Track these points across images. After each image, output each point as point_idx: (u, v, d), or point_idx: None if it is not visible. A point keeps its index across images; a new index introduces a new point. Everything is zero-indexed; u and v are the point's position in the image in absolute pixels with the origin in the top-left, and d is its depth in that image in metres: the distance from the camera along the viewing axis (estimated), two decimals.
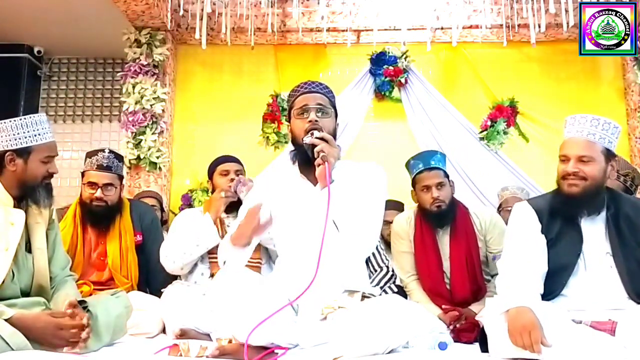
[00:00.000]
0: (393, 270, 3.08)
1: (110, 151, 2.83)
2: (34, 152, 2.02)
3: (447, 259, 2.70)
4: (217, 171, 2.87)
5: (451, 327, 2.51)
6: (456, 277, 2.66)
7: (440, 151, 2.80)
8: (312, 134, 1.92)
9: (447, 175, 2.74)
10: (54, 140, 2.10)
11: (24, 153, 2.01)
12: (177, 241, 2.67)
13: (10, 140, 1.99)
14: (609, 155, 1.98)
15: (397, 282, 3.09)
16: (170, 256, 2.66)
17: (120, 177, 2.86)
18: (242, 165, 2.96)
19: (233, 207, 2.75)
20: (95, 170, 2.74)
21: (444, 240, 2.73)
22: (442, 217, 2.69)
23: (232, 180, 2.80)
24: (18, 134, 2.00)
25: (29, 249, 2.04)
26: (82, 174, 2.82)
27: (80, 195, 2.81)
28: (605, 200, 2.00)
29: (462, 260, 2.66)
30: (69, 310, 1.82)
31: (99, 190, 2.72)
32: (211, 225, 2.66)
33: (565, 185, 1.95)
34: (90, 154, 2.81)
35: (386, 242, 3.49)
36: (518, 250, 2.00)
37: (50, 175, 2.07)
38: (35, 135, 2.02)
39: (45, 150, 2.04)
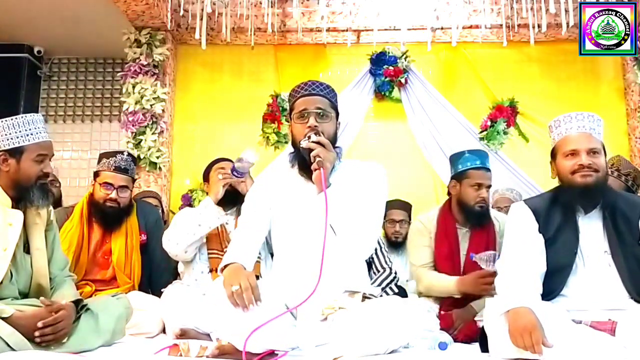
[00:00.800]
0: (396, 272, 3.09)
1: (129, 154, 2.84)
2: (26, 151, 2.00)
3: (465, 254, 2.71)
4: (214, 169, 2.85)
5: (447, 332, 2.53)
6: (469, 270, 2.66)
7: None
8: (308, 138, 1.92)
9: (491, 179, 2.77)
10: (49, 139, 2.08)
11: (16, 153, 2.00)
12: (180, 224, 2.68)
13: (2, 140, 1.99)
14: (604, 148, 2.01)
15: (400, 283, 3.10)
16: (173, 238, 2.66)
17: (134, 180, 2.88)
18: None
19: (231, 202, 2.75)
20: (112, 171, 2.73)
21: (464, 237, 2.75)
22: (480, 217, 2.71)
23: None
24: (10, 134, 1.99)
25: (27, 250, 2.04)
26: (96, 173, 2.79)
27: (92, 194, 2.79)
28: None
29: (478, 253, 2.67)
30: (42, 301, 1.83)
31: (115, 191, 2.72)
32: (211, 205, 2.66)
33: (578, 178, 1.95)
34: (107, 155, 2.79)
35: (390, 241, 3.49)
36: (516, 251, 2.00)
37: (45, 175, 2.04)
38: (27, 135, 2.01)
39: (37, 149, 2.02)
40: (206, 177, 2.92)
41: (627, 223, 1.96)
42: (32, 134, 2.02)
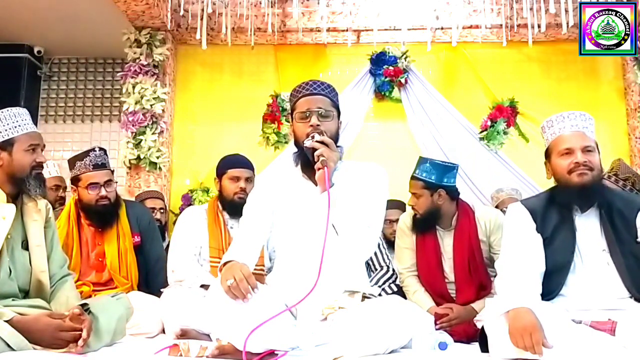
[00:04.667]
0: (394, 270, 3.08)
1: (100, 148, 2.81)
2: (16, 142, 2.01)
3: (450, 258, 2.72)
4: (228, 175, 2.79)
5: (437, 326, 2.53)
6: (460, 279, 2.69)
7: (433, 160, 2.82)
8: (312, 137, 1.93)
9: (429, 186, 2.73)
10: (36, 130, 2.09)
11: (7, 145, 2.01)
12: (184, 275, 2.66)
13: None
14: (597, 147, 2.02)
15: (398, 281, 3.09)
16: (179, 278, 2.67)
17: (112, 172, 2.87)
18: (253, 170, 2.88)
19: (233, 211, 2.72)
20: (92, 170, 2.72)
21: (447, 242, 2.75)
22: (417, 224, 2.80)
23: (241, 189, 2.72)
24: None
25: (25, 246, 2.03)
26: (76, 179, 2.75)
27: (80, 199, 2.77)
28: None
29: (464, 262, 2.68)
30: (72, 314, 1.81)
31: (102, 188, 2.71)
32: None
33: (575, 177, 1.95)
34: (80, 157, 2.76)
35: (388, 241, 3.49)
36: (515, 251, 2.00)
37: (39, 164, 2.04)
38: (15, 127, 2.02)
39: (27, 139, 2.03)
40: (220, 174, 2.84)
41: (624, 221, 1.96)
42: (19, 126, 2.02)
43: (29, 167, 2.02)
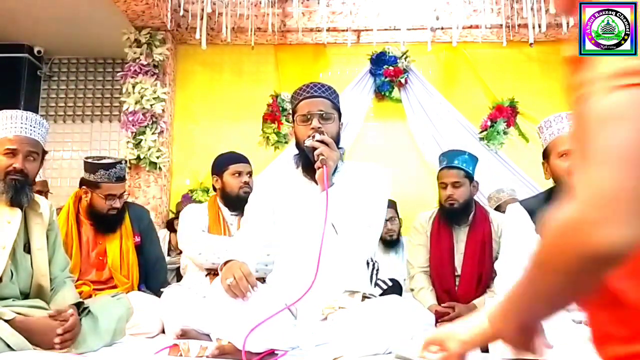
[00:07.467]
0: (371, 259, 3.08)
1: (125, 161, 2.84)
2: None
3: (461, 254, 2.74)
4: (230, 170, 2.79)
5: (438, 325, 2.54)
6: (465, 274, 2.70)
7: (470, 152, 2.83)
8: (312, 137, 1.93)
9: (469, 177, 2.75)
10: (20, 135, 2.01)
11: None
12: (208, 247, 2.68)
13: None
14: None
15: (398, 280, 3.09)
16: (199, 251, 2.70)
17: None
18: (250, 165, 2.90)
19: (237, 206, 2.74)
20: (114, 182, 2.70)
21: (461, 237, 2.77)
22: (454, 215, 2.76)
23: (245, 183, 2.75)
24: None
25: (28, 249, 2.03)
26: (94, 184, 2.70)
27: (91, 203, 2.73)
28: None
29: (474, 258, 2.69)
30: (50, 314, 1.81)
31: (117, 200, 2.72)
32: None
33: None
34: (105, 166, 2.70)
35: (385, 241, 3.49)
36: (515, 251, 2.00)
37: (15, 170, 1.97)
38: None
39: (5, 142, 1.98)
40: (219, 171, 2.82)
41: None
42: (5, 129, 1.99)
43: (3, 171, 1.97)
